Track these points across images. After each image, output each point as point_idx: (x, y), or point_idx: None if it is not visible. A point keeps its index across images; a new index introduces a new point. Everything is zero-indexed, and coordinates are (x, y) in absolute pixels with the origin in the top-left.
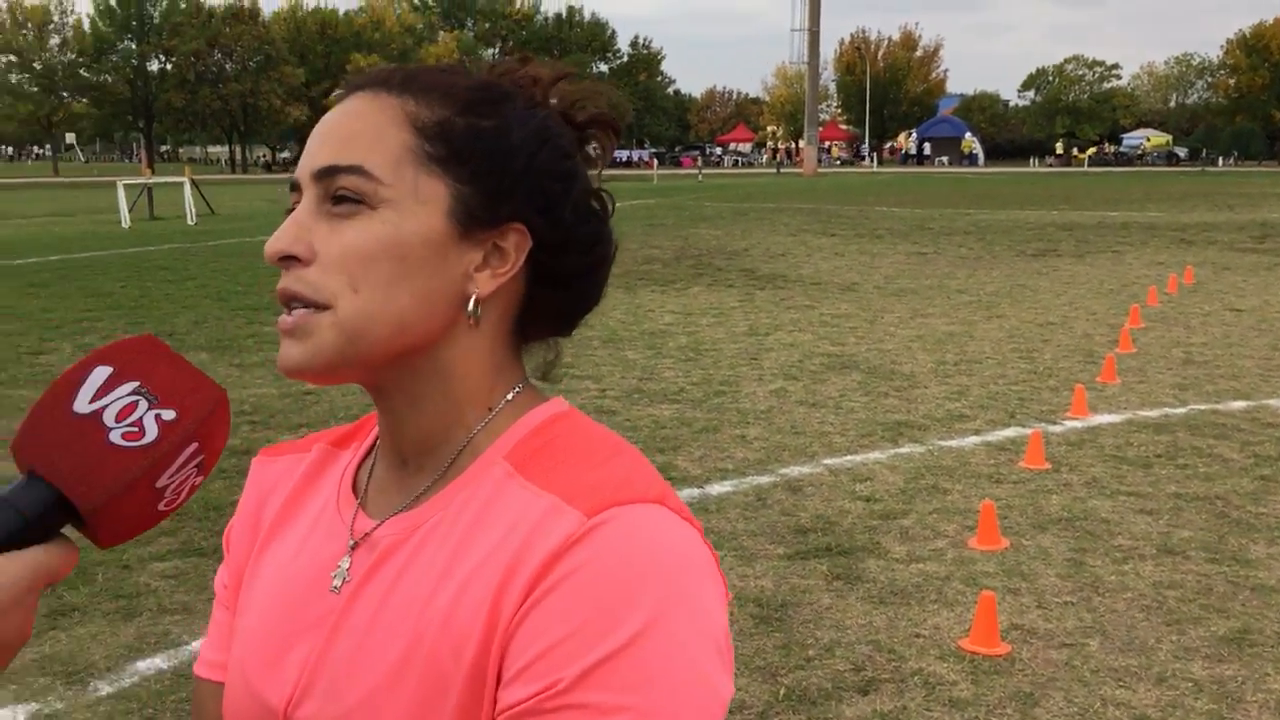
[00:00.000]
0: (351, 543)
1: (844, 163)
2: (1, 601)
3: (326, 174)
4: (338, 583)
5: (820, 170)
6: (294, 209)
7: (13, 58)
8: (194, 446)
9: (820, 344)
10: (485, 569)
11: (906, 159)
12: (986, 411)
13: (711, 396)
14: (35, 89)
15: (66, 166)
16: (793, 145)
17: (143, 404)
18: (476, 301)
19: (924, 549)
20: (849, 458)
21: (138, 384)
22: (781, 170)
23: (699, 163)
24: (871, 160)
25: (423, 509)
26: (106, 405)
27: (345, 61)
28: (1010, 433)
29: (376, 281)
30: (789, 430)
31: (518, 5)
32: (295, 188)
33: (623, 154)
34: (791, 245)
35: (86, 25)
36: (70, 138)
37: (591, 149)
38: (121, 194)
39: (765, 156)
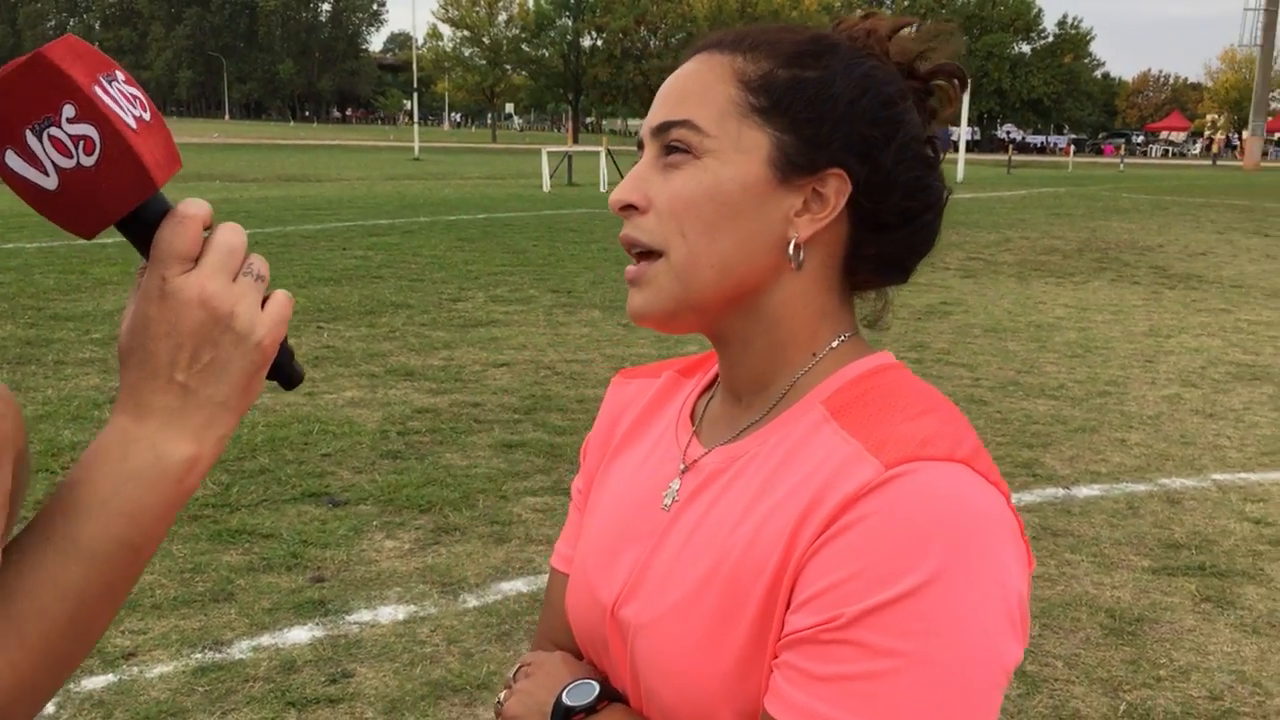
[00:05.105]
0: (683, 467)
1: None
2: None
3: (662, 129)
4: (668, 502)
5: (1264, 165)
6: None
7: (466, 32)
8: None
9: (1230, 351)
10: (789, 503)
11: None
12: None
13: (1094, 396)
14: (483, 62)
15: (503, 134)
16: (1234, 136)
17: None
18: (797, 246)
19: None
20: (1244, 475)
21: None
22: (1218, 163)
23: (1121, 151)
24: None
25: (744, 442)
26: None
27: None
28: None
29: (699, 226)
30: (1177, 439)
31: None
32: (641, 145)
33: (1037, 139)
34: (1215, 244)
35: (530, 2)
36: (509, 108)
37: (935, 101)
38: (545, 160)
39: (1199, 148)
